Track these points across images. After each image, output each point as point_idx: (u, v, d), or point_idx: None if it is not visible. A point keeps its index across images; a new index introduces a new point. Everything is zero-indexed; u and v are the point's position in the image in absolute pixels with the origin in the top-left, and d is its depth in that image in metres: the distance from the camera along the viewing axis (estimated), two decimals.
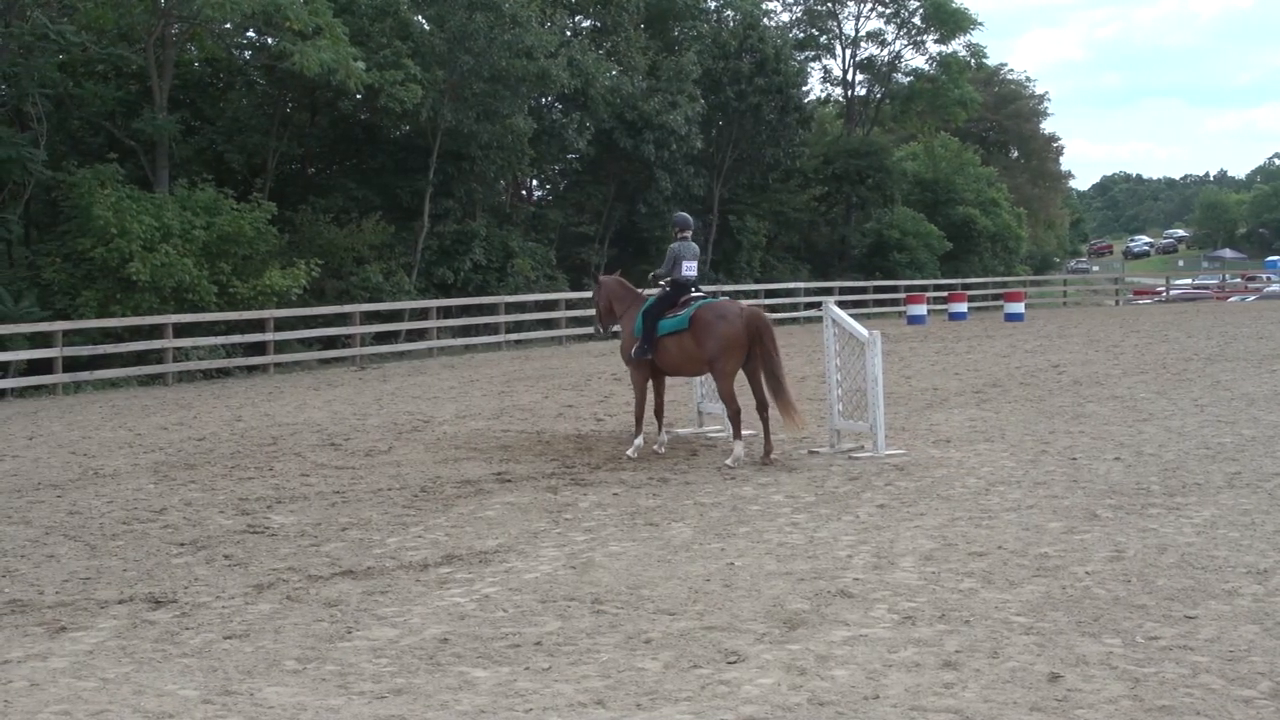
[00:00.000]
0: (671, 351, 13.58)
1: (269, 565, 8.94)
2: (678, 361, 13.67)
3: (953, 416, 16.13)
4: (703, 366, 13.66)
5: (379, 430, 16.50)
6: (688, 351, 13.48)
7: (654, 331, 13.59)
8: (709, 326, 13.27)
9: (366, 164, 36.45)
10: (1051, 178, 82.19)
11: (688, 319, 13.42)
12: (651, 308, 13.75)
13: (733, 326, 13.20)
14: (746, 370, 13.43)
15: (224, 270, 27.24)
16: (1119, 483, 11.12)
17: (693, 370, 13.96)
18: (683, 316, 13.49)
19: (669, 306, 13.68)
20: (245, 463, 13.89)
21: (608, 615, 7.39)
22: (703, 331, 13.29)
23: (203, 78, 33.82)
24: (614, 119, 39.43)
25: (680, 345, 13.49)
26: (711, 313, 13.40)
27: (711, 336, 13.22)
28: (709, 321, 13.30)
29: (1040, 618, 7.08)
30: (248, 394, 22.48)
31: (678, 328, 13.48)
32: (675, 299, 13.70)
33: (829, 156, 51.85)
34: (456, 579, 8.38)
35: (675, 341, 13.52)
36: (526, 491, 11.61)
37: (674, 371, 13.99)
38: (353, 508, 11.04)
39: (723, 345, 13.18)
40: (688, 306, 13.56)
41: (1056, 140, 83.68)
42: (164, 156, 29.21)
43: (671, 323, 13.55)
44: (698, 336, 13.32)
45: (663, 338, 13.58)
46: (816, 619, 7.19)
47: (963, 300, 44.53)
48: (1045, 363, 23.53)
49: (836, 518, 10.05)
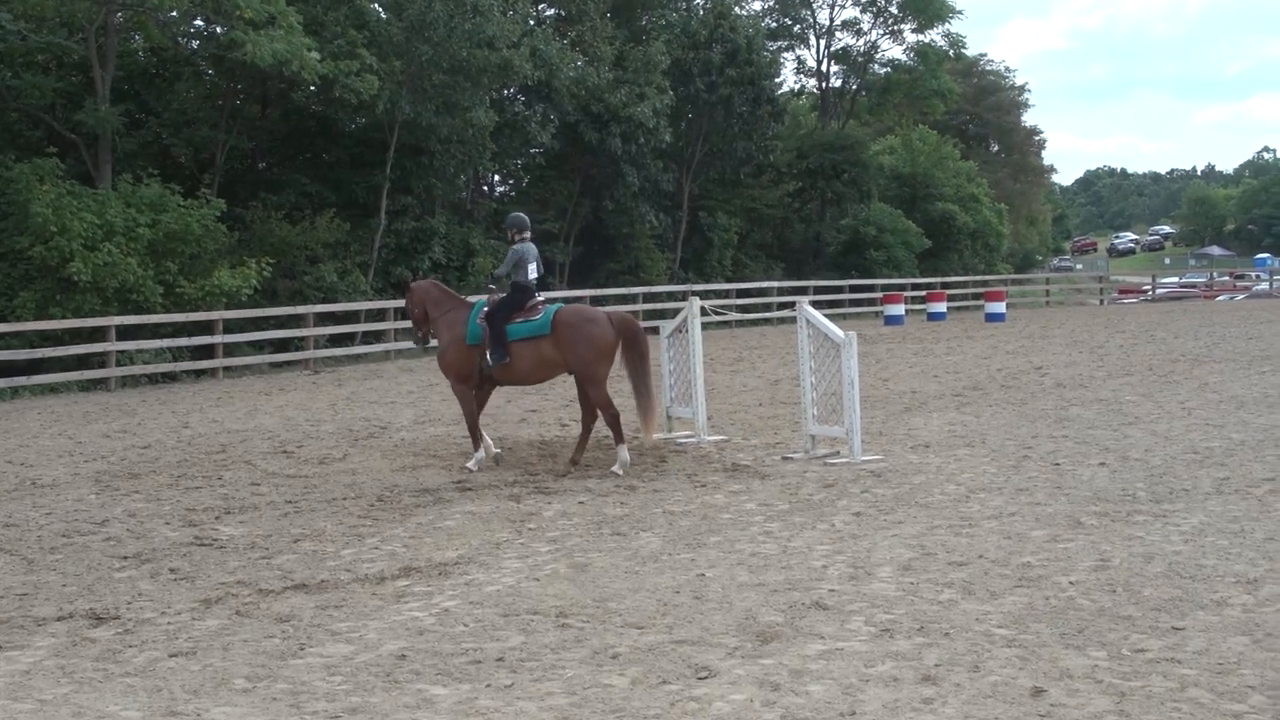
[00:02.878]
0: (523, 358, 13.27)
1: (217, 579, 8.87)
2: (528, 369, 13.37)
3: (932, 421, 16.19)
4: (554, 374, 13.46)
5: (333, 437, 16.42)
6: (544, 358, 13.21)
7: (504, 336, 13.26)
8: (576, 330, 13.08)
9: (320, 158, 36.26)
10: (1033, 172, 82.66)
11: (549, 322, 13.19)
12: (495, 311, 13.38)
13: (604, 331, 13.12)
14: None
15: (170, 270, 27.04)
16: (1104, 489, 11.18)
17: (541, 377, 13.67)
18: (541, 320, 13.24)
19: (514, 310, 13.38)
20: (192, 471, 13.79)
21: (573, 629, 7.37)
22: (570, 336, 13.07)
23: (148, 68, 33.56)
24: (579, 111, 39.40)
25: (537, 351, 13.20)
26: (577, 315, 13.28)
27: (580, 341, 13.05)
28: (576, 325, 13.12)
29: (1023, 630, 7.11)
30: (195, 399, 22.33)
31: (535, 332, 13.20)
32: (521, 302, 13.42)
33: (803, 150, 51.99)
34: (415, 592, 8.34)
35: (530, 347, 13.22)
36: (488, 500, 11.58)
37: (517, 380, 13.72)
38: (306, 518, 10.98)
39: (595, 350, 13.06)
40: (540, 311, 13.34)
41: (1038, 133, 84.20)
42: (107, 151, 28.97)
43: (525, 327, 13.25)
44: (562, 341, 13.08)
45: (512, 344, 13.26)
46: (790, 632, 7.19)
47: (942, 300, 44.72)
48: (1027, 364, 23.65)
49: (811, 526, 10.06)
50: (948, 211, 57.58)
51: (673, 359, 15.80)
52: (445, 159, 35.64)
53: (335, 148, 35.70)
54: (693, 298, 15.65)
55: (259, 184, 34.53)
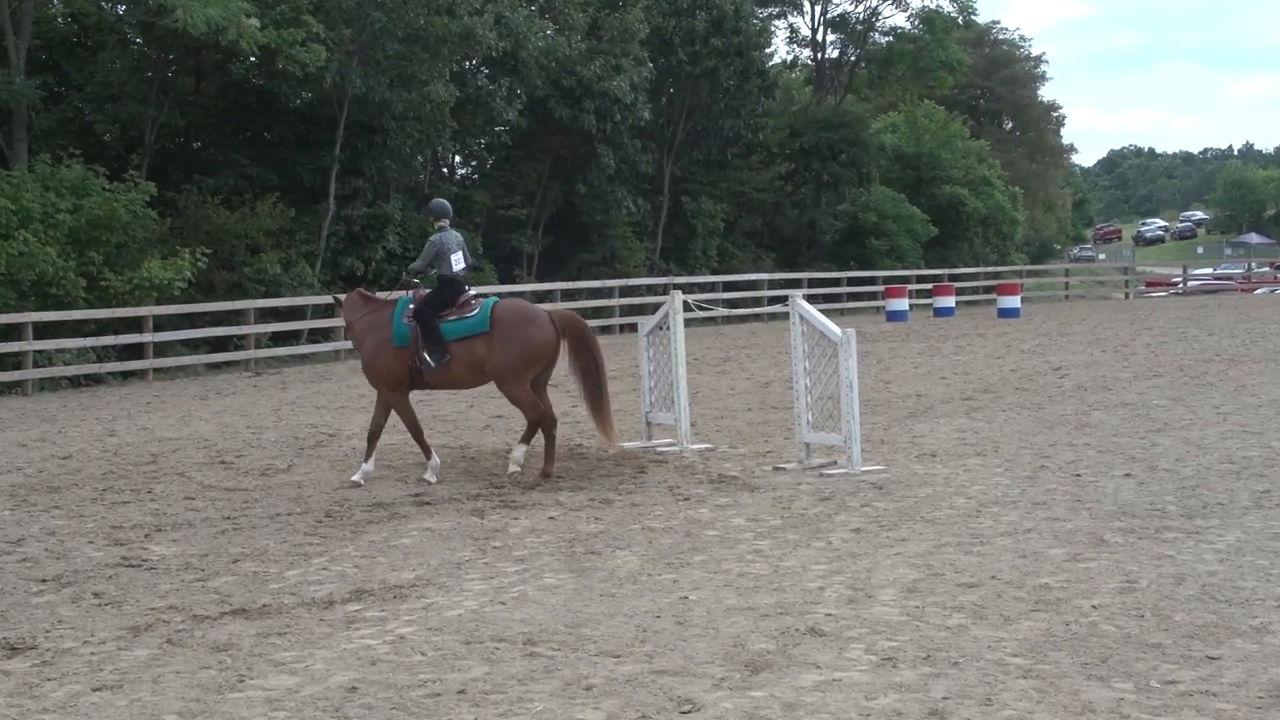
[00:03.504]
0: (458, 359, 13.19)
1: (147, 604, 8.84)
2: (461, 372, 13.28)
3: (939, 427, 16.22)
4: (485, 378, 13.40)
5: (277, 446, 16.37)
6: (481, 359, 13.13)
7: (439, 334, 13.15)
8: (516, 330, 13.02)
9: (262, 138, 36.16)
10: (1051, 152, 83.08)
11: (486, 319, 13.09)
12: (423, 308, 13.26)
13: (544, 331, 13.06)
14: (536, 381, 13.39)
15: (94, 261, 26.94)
16: (1130, 503, 11.22)
17: (476, 381, 13.60)
18: (478, 318, 13.13)
19: (444, 307, 13.28)
20: (119, 485, 13.73)
21: (542, 658, 7.36)
22: (508, 335, 13.00)
23: (68, 36, 33.44)
24: (549, 86, 39.36)
25: (472, 352, 13.13)
26: (517, 314, 13.20)
27: (518, 342, 12.99)
28: (515, 324, 13.05)
29: (1040, 659, 7.12)
30: (122, 404, 22.23)
31: (472, 330, 13.11)
32: (451, 298, 13.35)
33: (796, 129, 52.07)
34: (367, 618, 8.32)
35: (465, 348, 13.14)
36: (448, 515, 11.56)
37: (451, 384, 13.63)
38: (246, 536, 10.95)
39: (530, 353, 13.01)
40: (474, 306, 13.25)
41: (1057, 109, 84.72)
42: (21, 128, 28.84)
43: (461, 325, 13.15)
44: (497, 340, 13.02)
45: (447, 344, 13.17)
46: (783, 661, 7.19)
47: (950, 293, 44.86)
48: (1044, 365, 23.72)
49: (806, 544, 10.07)
50: (956, 196, 57.78)
51: (653, 359, 15.79)
52: (400, 138, 35.58)
53: (278, 126, 35.59)
54: (674, 291, 15.67)
55: (193, 165, 34.41)
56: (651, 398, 15.74)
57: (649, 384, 15.79)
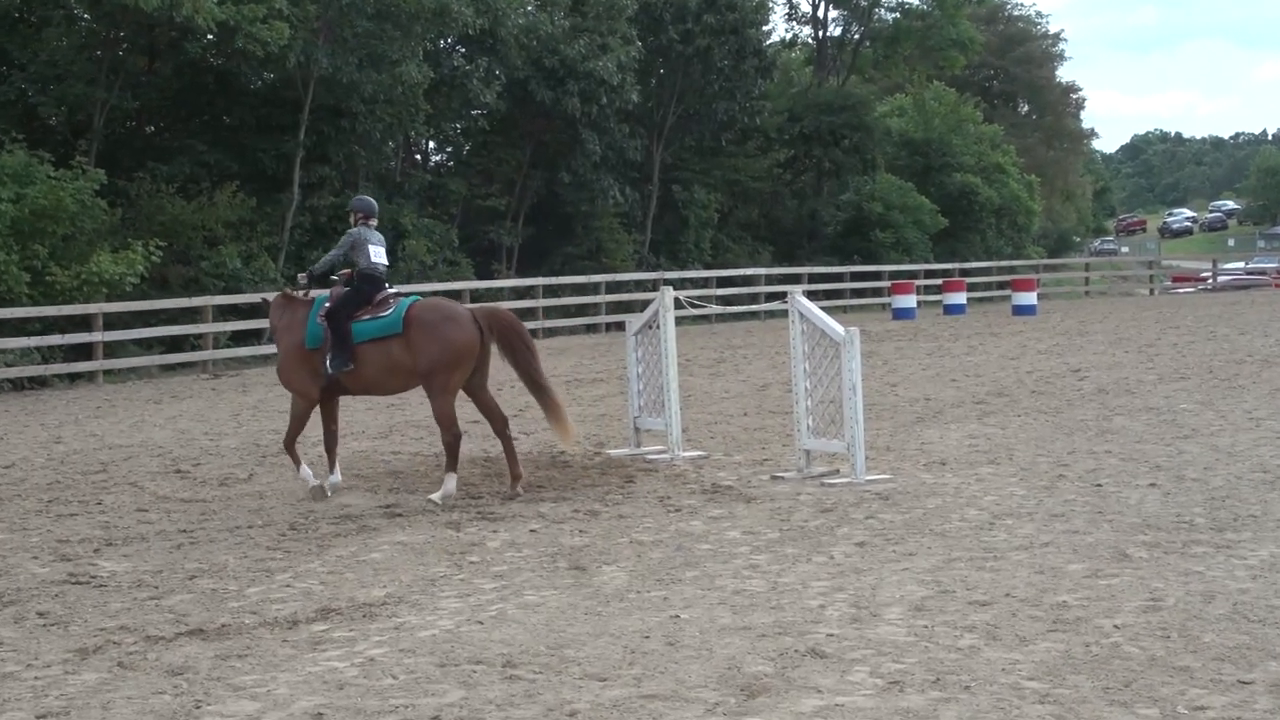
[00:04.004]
0: (371, 363, 13.08)
1: (96, 624, 8.82)
2: (377, 376, 13.18)
3: (949, 433, 16.25)
4: (411, 381, 13.30)
5: (237, 453, 16.36)
6: (397, 363, 13.02)
7: (349, 338, 13.04)
8: (433, 330, 12.89)
9: (220, 121, 36.14)
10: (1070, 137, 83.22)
11: (400, 320, 12.98)
12: (337, 308, 13.15)
13: (465, 331, 12.92)
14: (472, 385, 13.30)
15: (39, 254, 26.91)
16: (1155, 515, 11.24)
17: (397, 387, 13.54)
18: (391, 318, 13.03)
19: (360, 306, 13.19)
20: (66, 495, 13.70)
21: (522, 681, 7.36)
22: (424, 336, 12.89)
23: (10, 11, 33.35)
24: (530, 66, 39.37)
25: (387, 354, 13.01)
26: (434, 312, 13.08)
27: (436, 343, 12.86)
28: (432, 324, 12.92)
29: (1058, 683, 7.13)
30: (70, 409, 22.19)
31: (384, 331, 13.00)
32: (368, 296, 13.25)
33: (796, 112, 52.12)
34: (334, 638, 8.31)
35: (379, 350, 13.03)
36: (422, 528, 11.56)
37: (369, 389, 13.55)
38: (203, 550, 10.93)
39: (451, 355, 12.87)
40: (390, 305, 13.18)
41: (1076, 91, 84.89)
42: None
43: (373, 325, 13.04)
44: (415, 343, 12.91)
45: (359, 346, 13.06)
46: (782, 684, 7.20)
47: (961, 289, 44.91)
48: (1063, 366, 23.76)
49: (806, 559, 10.08)
50: (968, 184, 57.88)
51: (641, 360, 15.80)
52: (370, 122, 35.56)
53: (238, 109, 35.57)
54: (665, 287, 15.66)
55: (146, 151, 34.39)
56: (640, 401, 15.74)
57: (637, 387, 15.79)
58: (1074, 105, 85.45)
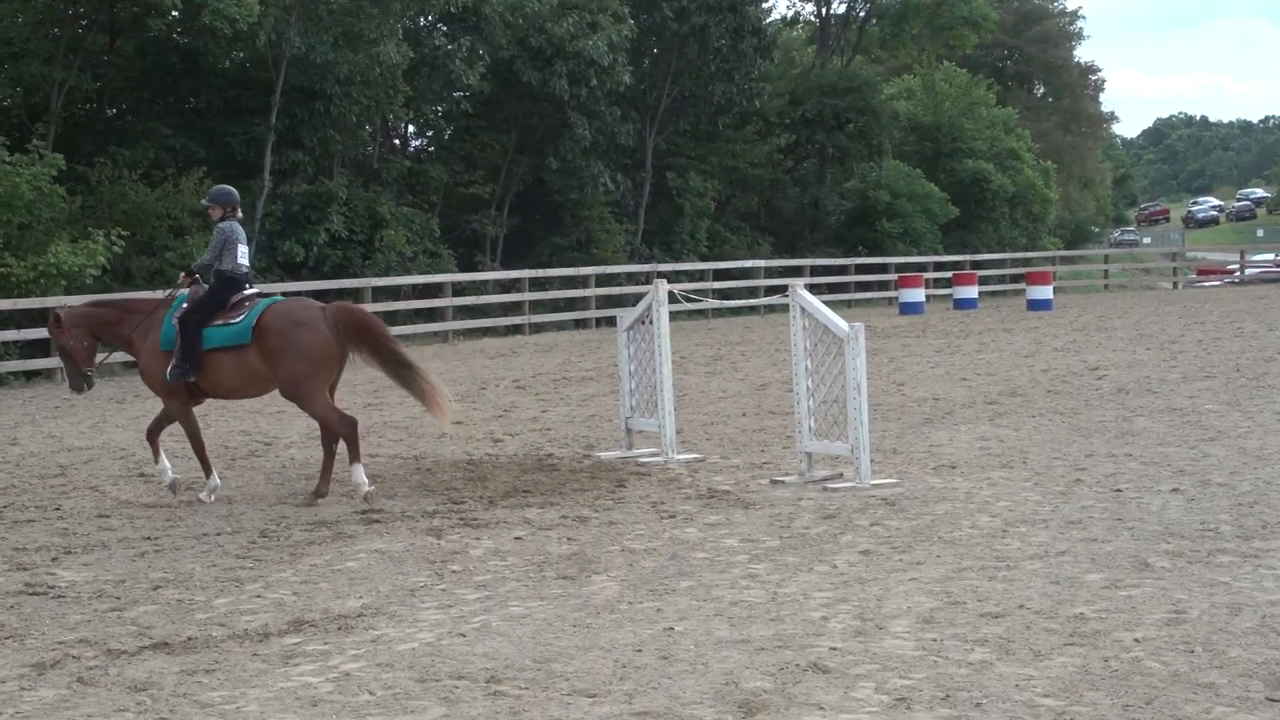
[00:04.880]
0: (224, 371, 13.15)
1: (54, 637, 8.82)
2: (235, 384, 13.30)
3: (959, 435, 16.26)
4: (272, 387, 13.40)
5: None
6: (253, 371, 13.13)
7: (197, 344, 13.06)
8: (285, 338, 12.97)
9: (186, 104, 36.12)
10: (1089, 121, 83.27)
11: (249, 329, 13.05)
12: (190, 312, 13.15)
13: (319, 335, 13.01)
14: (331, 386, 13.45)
15: None
16: (1178, 522, 11.25)
17: (259, 392, 13.67)
18: (240, 326, 13.08)
19: (216, 310, 13.20)
20: (22, 500, 13.70)
21: (507, 698, 7.37)
22: (277, 345, 12.97)
23: None
24: (515, 46, 39.38)
25: (241, 363, 13.08)
26: (285, 319, 13.12)
27: (289, 352, 12.95)
28: (284, 331, 12.99)
29: (1075, 699, 7.14)
30: (26, 409, 22.17)
31: (235, 340, 13.06)
32: (224, 299, 13.28)
33: (797, 95, 52.14)
34: (307, 652, 8.32)
35: (232, 359, 13.09)
36: (401, 535, 11.56)
37: (230, 394, 13.72)
38: (168, 559, 10.93)
39: (307, 363, 12.98)
40: (244, 310, 13.21)
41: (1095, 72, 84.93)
42: None
43: (224, 333, 13.10)
44: (268, 352, 12.98)
45: (212, 353, 13.10)
46: (782, 701, 7.21)
47: (972, 283, 44.98)
48: (1080, 364, 23.79)
49: (807, 568, 10.08)
50: (980, 171, 57.91)
51: (633, 358, 15.80)
52: (346, 105, 35.53)
53: (205, 90, 35.55)
54: (659, 280, 15.67)
55: (107, 135, 34.37)
56: (632, 401, 15.74)
57: (629, 385, 15.79)
58: (1093, 87, 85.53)
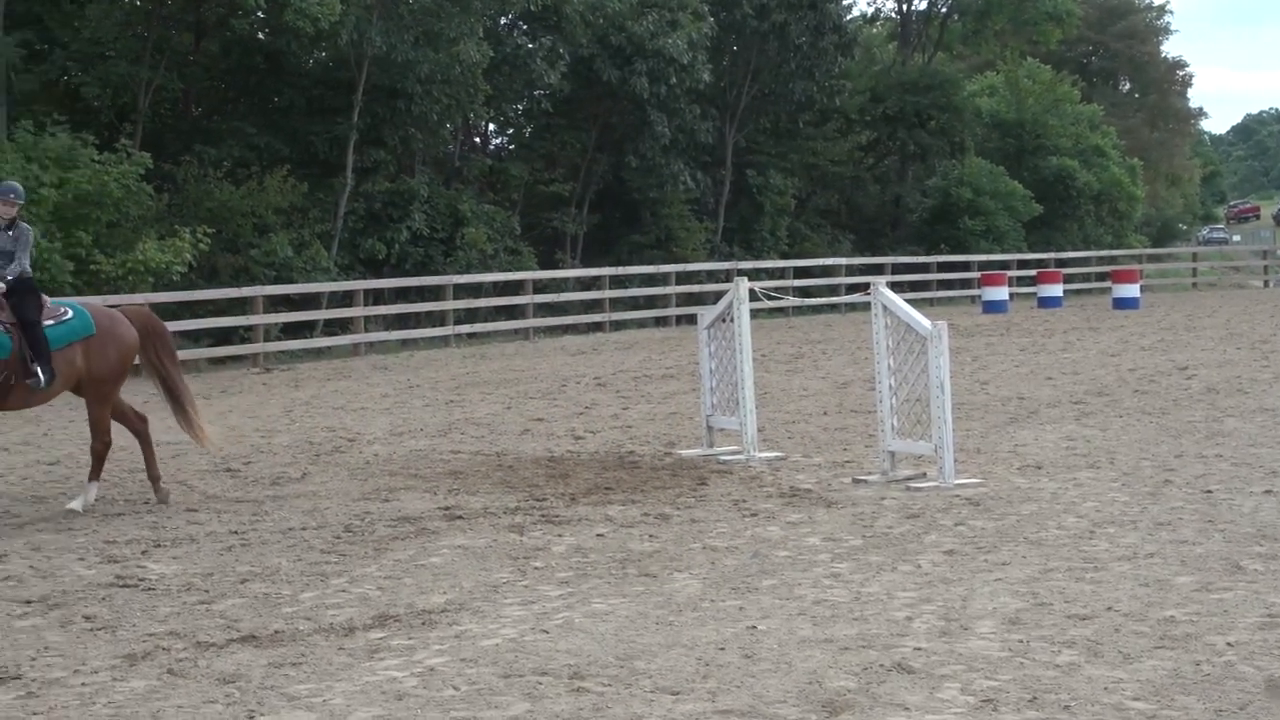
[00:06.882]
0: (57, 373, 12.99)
1: (144, 629, 8.91)
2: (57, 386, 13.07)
3: (1044, 435, 16.15)
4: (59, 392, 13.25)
5: (289, 451, 16.48)
6: (76, 370, 13.05)
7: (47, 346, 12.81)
8: (110, 335, 13.14)
9: (270, 103, 36.32)
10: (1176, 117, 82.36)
11: (90, 323, 13.12)
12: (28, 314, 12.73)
13: (132, 333, 13.31)
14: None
15: (82, 241, 27.16)
16: (1270, 524, 11.14)
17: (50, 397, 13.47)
18: (78, 321, 13.07)
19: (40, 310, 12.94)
20: (113, 495, 13.85)
21: (590, 694, 7.38)
22: (105, 341, 13.08)
23: None
24: (595, 44, 39.40)
25: (70, 363, 12.94)
26: (109, 318, 13.36)
27: (113, 347, 13.14)
28: (109, 329, 13.17)
29: (1166, 703, 7.08)
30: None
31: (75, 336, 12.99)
32: (40, 299, 13.11)
33: (878, 92, 51.90)
34: (392, 646, 8.36)
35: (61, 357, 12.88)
36: (483, 532, 11.60)
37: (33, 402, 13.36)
38: (255, 553, 11.02)
39: (125, 359, 13.24)
40: (63, 310, 13.17)
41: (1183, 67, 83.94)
42: (0, 90, 29.07)
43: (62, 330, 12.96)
44: (95, 349, 13.04)
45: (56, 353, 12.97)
46: (866, 701, 7.19)
47: (1057, 281, 44.64)
48: (1168, 364, 23.57)
49: (891, 567, 10.05)
50: (1064, 169, 57.41)
51: (714, 356, 15.79)
52: (427, 104, 35.64)
53: (289, 90, 35.75)
54: (739, 278, 15.65)
55: (193, 134, 34.64)
56: (713, 399, 15.73)
57: (710, 384, 15.78)
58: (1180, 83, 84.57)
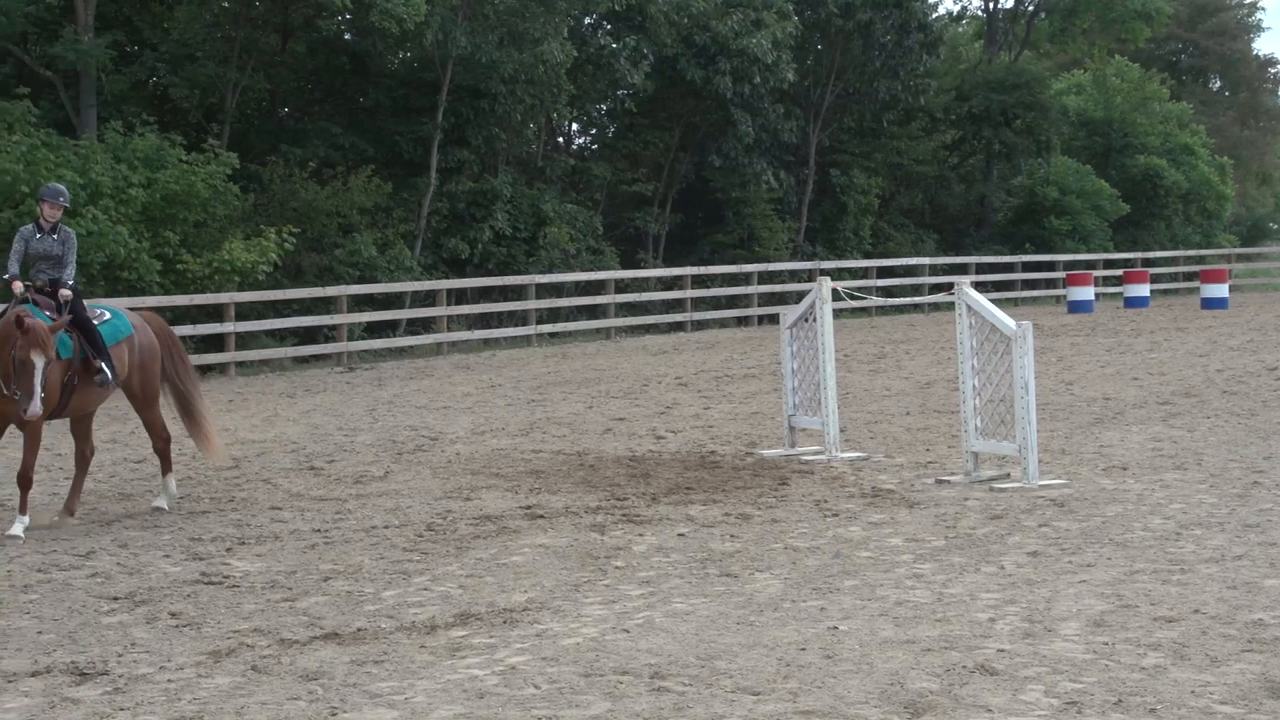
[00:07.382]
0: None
1: (229, 626, 9.00)
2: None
3: (1130, 436, 16.01)
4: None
5: (372, 450, 16.58)
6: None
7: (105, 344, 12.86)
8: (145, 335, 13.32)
9: (355, 103, 36.58)
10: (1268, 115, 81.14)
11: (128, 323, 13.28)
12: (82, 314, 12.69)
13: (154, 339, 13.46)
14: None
15: (170, 241, 27.44)
16: None
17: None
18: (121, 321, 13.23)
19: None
20: (198, 492, 14.01)
21: (671, 694, 7.39)
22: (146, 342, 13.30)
23: None
24: (679, 44, 39.40)
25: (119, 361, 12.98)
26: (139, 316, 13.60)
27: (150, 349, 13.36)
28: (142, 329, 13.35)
29: (1254, 708, 7.00)
30: None
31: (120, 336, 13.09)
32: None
33: (963, 91, 51.58)
34: (473, 645, 8.40)
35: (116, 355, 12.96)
36: (564, 531, 11.63)
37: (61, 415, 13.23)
38: (338, 551, 11.11)
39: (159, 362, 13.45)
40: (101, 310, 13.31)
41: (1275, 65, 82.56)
42: (90, 92, 29.41)
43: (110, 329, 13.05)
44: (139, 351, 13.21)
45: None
46: (948, 703, 7.15)
47: (1144, 281, 44.21)
48: (1258, 364, 23.30)
49: (974, 569, 10.00)
50: (1152, 167, 56.81)
51: (796, 355, 15.77)
52: (511, 104, 35.78)
53: (374, 90, 35.99)
54: (822, 278, 15.63)
55: (279, 135, 34.96)
56: (795, 399, 15.71)
57: (792, 383, 15.76)
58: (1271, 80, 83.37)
